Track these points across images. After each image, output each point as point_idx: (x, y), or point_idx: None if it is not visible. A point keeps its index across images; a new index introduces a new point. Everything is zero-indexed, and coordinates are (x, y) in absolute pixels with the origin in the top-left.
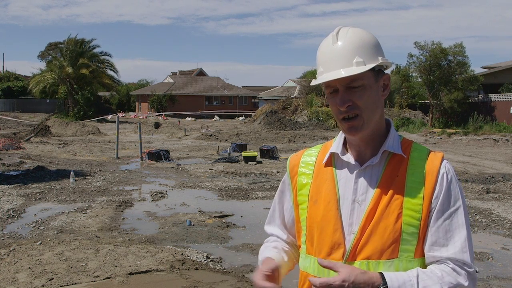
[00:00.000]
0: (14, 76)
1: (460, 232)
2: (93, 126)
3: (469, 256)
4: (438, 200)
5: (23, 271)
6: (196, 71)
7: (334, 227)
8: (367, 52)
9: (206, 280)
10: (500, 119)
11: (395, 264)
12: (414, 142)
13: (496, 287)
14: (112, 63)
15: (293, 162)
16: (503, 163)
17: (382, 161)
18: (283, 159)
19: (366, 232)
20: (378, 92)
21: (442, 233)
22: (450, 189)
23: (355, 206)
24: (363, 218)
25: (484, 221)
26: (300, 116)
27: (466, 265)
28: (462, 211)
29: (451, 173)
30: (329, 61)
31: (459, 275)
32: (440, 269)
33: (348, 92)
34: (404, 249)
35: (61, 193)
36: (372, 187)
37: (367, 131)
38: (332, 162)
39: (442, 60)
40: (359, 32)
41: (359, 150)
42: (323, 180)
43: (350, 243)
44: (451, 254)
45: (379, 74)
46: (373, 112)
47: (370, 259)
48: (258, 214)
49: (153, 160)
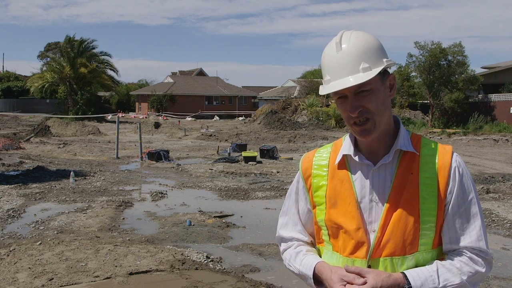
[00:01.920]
0: (14, 76)
1: (475, 221)
2: (93, 126)
3: (485, 243)
4: (452, 194)
5: (23, 271)
6: (196, 71)
7: (356, 226)
8: (372, 57)
9: (206, 280)
10: (500, 119)
11: (416, 257)
12: (423, 136)
13: (496, 287)
14: (111, 63)
15: (306, 164)
16: (503, 163)
17: (394, 159)
18: (283, 159)
19: (387, 230)
20: (385, 93)
21: (459, 225)
22: (462, 182)
23: (373, 205)
24: (382, 216)
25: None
26: (300, 116)
27: (482, 252)
28: (476, 201)
29: (462, 166)
30: (335, 69)
31: (476, 263)
32: (459, 259)
33: (358, 97)
34: (423, 242)
35: (61, 193)
36: (388, 186)
37: (378, 133)
38: (345, 163)
39: (441, 60)
40: (362, 36)
41: (371, 149)
42: (339, 182)
43: (373, 241)
44: (468, 243)
45: (385, 75)
46: (383, 113)
47: (393, 255)
48: (258, 214)
49: (153, 160)
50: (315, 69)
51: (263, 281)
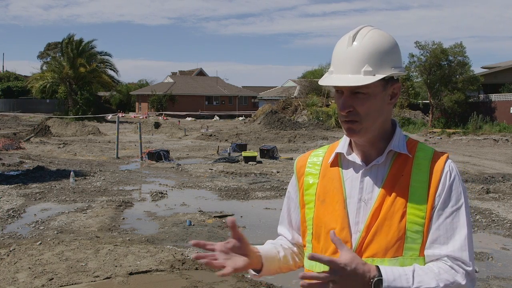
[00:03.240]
0: (14, 76)
1: (460, 231)
2: (93, 126)
3: (468, 255)
4: (440, 197)
5: (23, 271)
6: (196, 71)
7: (341, 225)
8: (378, 62)
9: (206, 280)
10: (500, 119)
11: (400, 262)
12: (420, 142)
13: (496, 287)
14: (111, 63)
15: (300, 163)
16: (503, 163)
17: (387, 160)
18: (283, 159)
19: (372, 230)
20: (383, 100)
21: (443, 231)
22: (452, 187)
23: (361, 205)
24: (368, 216)
25: (484, 221)
26: (300, 116)
27: (464, 263)
28: (464, 210)
29: (454, 172)
30: (340, 63)
31: (457, 273)
32: (438, 266)
33: (352, 97)
34: (408, 247)
35: (61, 193)
36: (378, 186)
37: (367, 136)
38: (338, 162)
39: (442, 60)
40: (377, 37)
41: (364, 150)
42: (329, 180)
43: (356, 241)
44: (449, 252)
45: (389, 82)
46: (374, 120)
47: (375, 256)
48: (258, 214)
49: (153, 160)
50: (315, 69)
51: (263, 281)
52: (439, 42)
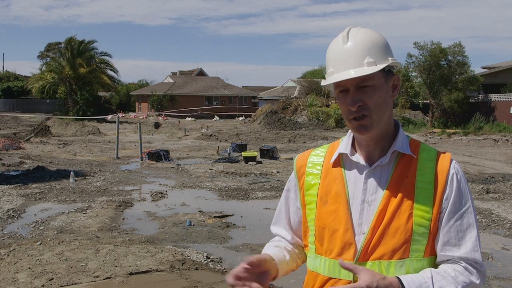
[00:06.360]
0: (14, 76)
1: (470, 232)
2: (93, 126)
3: (480, 255)
4: (449, 201)
5: (23, 271)
6: (196, 71)
7: (345, 227)
8: (378, 53)
9: (206, 280)
10: (500, 119)
11: (406, 264)
12: (422, 142)
13: (496, 287)
14: (111, 63)
15: (300, 162)
16: (503, 163)
17: (391, 161)
18: (283, 159)
19: (378, 232)
20: (388, 92)
21: (454, 233)
22: (460, 190)
23: (365, 206)
24: (373, 218)
25: (484, 221)
26: (300, 116)
27: (477, 263)
28: (472, 211)
29: (460, 173)
30: (339, 62)
31: (471, 274)
32: (453, 268)
33: (359, 92)
34: (414, 249)
35: (61, 193)
36: (382, 188)
37: (376, 131)
38: (340, 162)
39: (441, 60)
40: (369, 32)
41: (368, 150)
42: (332, 181)
43: (361, 243)
44: (463, 254)
45: (389, 74)
46: (383, 112)
47: (382, 259)
48: (258, 214)
49: (153, 160)
50: (315, 69)
51: None
52: (438, 42)
